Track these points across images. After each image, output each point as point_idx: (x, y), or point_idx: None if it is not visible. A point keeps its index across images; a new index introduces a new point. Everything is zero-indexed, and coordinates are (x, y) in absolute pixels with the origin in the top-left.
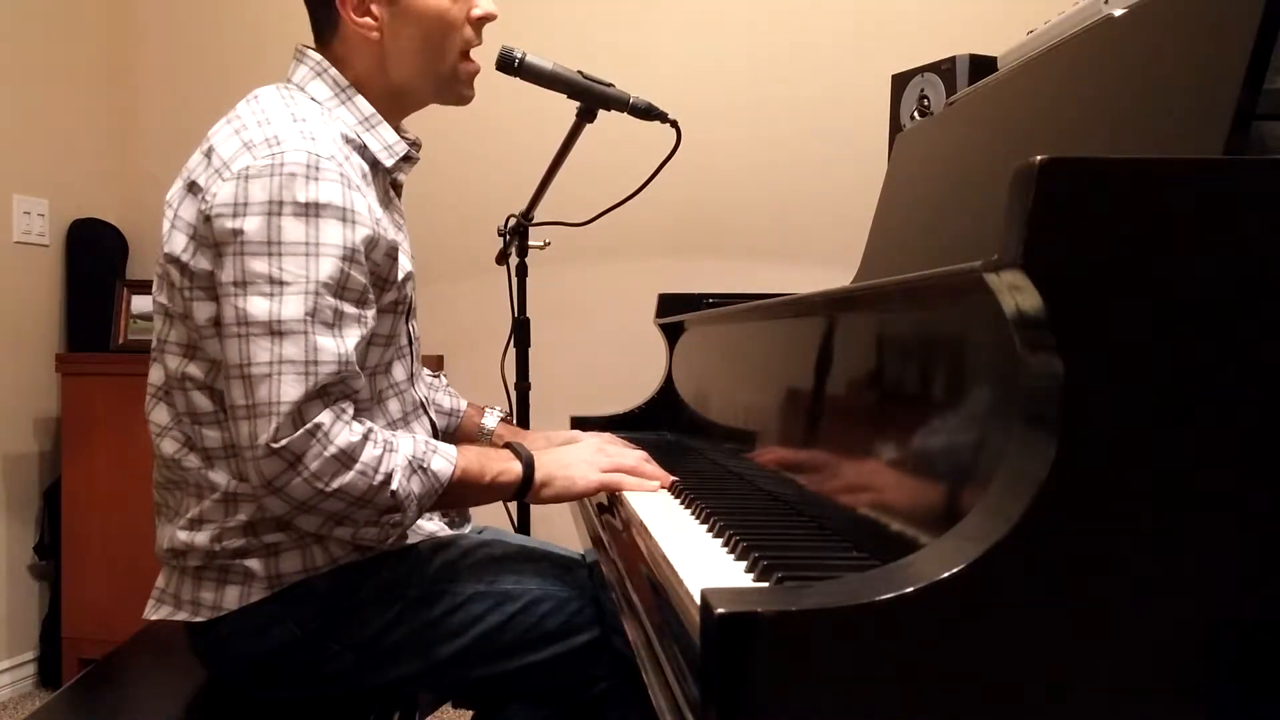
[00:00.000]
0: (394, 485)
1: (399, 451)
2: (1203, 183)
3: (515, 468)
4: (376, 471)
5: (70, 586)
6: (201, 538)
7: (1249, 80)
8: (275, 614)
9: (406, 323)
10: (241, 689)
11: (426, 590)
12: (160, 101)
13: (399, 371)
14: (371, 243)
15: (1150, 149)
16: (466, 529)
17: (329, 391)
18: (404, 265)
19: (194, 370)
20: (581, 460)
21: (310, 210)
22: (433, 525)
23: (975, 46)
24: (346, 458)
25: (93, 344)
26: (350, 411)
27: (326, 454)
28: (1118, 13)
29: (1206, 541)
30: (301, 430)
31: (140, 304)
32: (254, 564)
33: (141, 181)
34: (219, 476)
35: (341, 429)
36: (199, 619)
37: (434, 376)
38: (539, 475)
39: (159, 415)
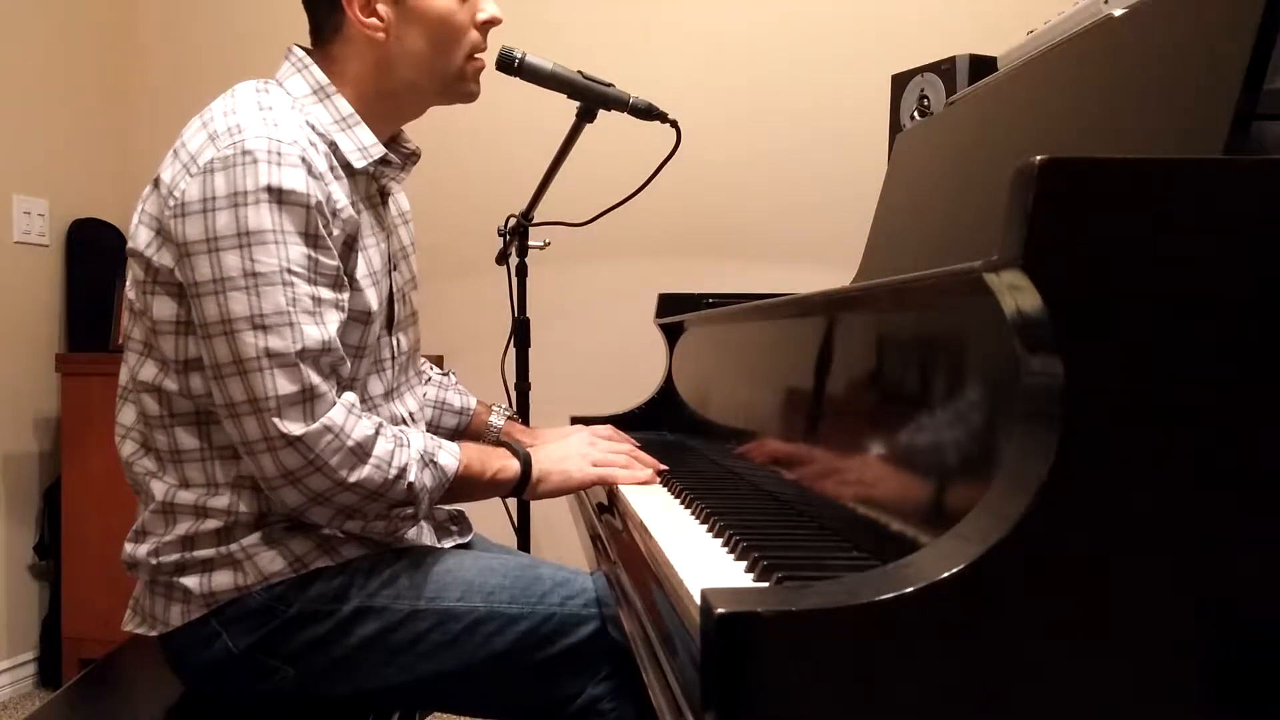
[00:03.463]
0: (410, 478)
1: (411, 445)
2: (1203, 183)
3: (513, 465)
4: (390, 465)
5: (70, 586)
6: (142, 551)
7: (1249, 80)
8: (214, 631)
9: (390, 335)
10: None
11: (362, 606)
12: (160, 102)
13: (375, 386)
14: (327, 228)
15: (1150, 149)
16: (469, 537)
17: (325, 377)
18: (363, 268)
19: (147, 371)
20: (575, 454)
21: (272, 195)
22: (429, 538)
23: (975, 46)
24: (362, 451)
25: (93, 344)
26: (359, 406)
27: (345, 447)
28: (1118, 13)
29: (1207, 541)
30: (316, 425)
31: None
32: (190, 582)
33: (141, 181)
34: (159, 485)
35: (355, 423)
36: (154, 633)
37: (443, 375)
38: (535, 471)
39: (123, 417)
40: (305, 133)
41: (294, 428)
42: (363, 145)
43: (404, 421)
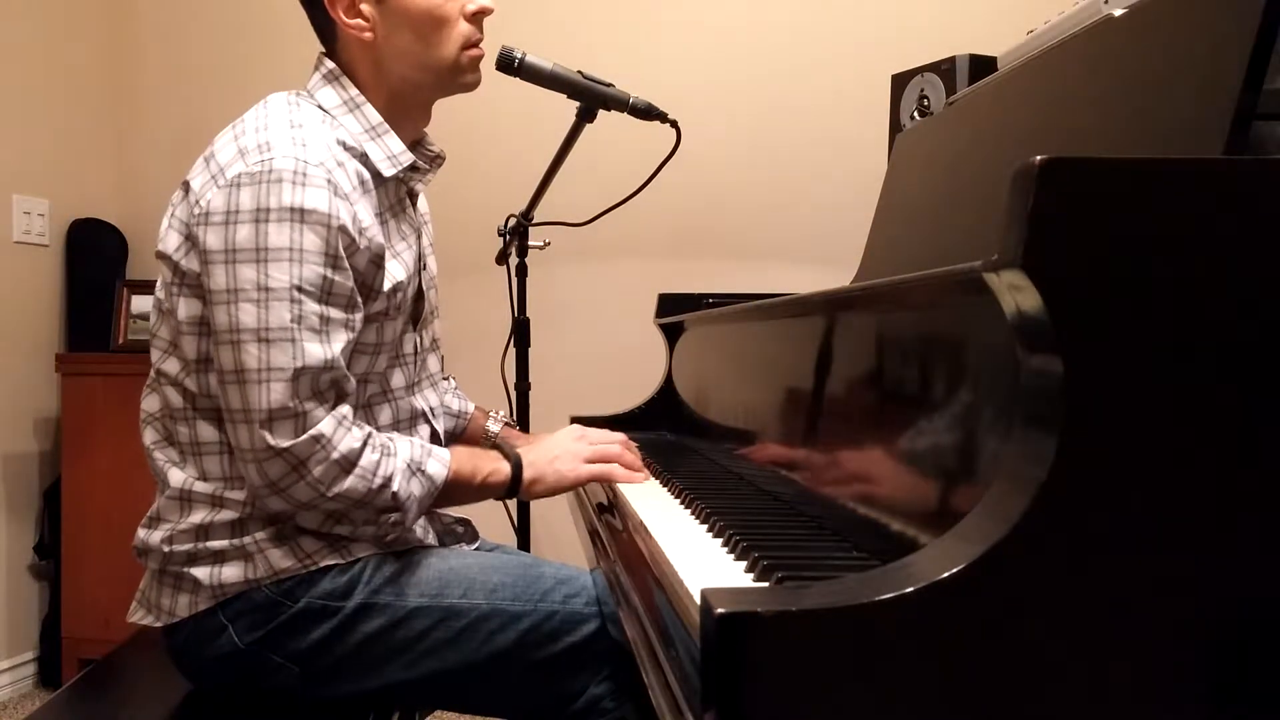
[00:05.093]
0: (394, 488)
1: (397, 455)
2: (1203, 183)
3: (504, 468)
4: (375, 475)
5: (70, 586)
6: (155, 537)
7: (1249, 80)
8: (220, 625)
9: (415, 331)
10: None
11: (366, 603)
12: (160, 102)
13: (397, 379)
14: (352, 248)
15: (1150, 149)
16: (474, 545)
17: (322, 394)
18: (394, 274)
19: (170, 366)
20: (567, 452)
21: (295, 215)
22: (431, 539)
23: (975, 46)
24: (347, 463)
25: (93, 344)
26: (350, 418)
27: (330, 459)
28: (1118, 13)
29: (1206, 541)
30: (305, 436)
31: (140, 304)
32: (200, 573)
33: (141, 181)
34: (176, 474)
35: (343, 435)
36: (160, 624)
37: (444, 379)
38: (528, 474)
39: (148, 404)
40: (333, 152)
41: (281, 440)
42: (392, 154)
43: (424, 415)
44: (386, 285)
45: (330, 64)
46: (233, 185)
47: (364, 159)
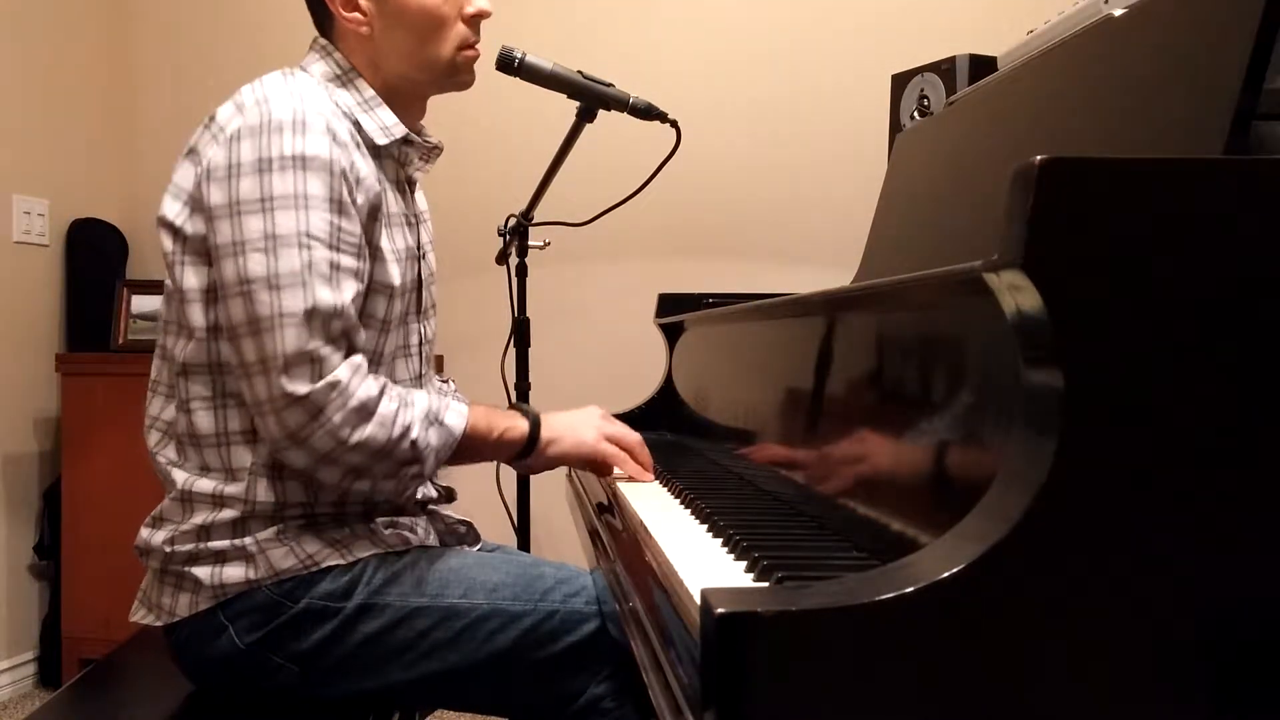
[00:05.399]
0: (413, 436)
1: (415, 405)
2: (1203, 183)
3: (522, 425)
4: (395, 424)
5: (70, 586)
6: (158, 538)
7: (1249, 80)
8: (220, 624)
9: (419, 322)
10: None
11: (367, 604)
12: (160, 102)
13: (402, 371)
14: (351, 195)
15: (1150, 149)
16: (475, 547)
17: (335, 340)
18: (388, 241)
19: (176, 350)
20: (588, 425)
21: (297, 163)
22: (432, 540)
23: (975, 46)
24: (365, 411)
25: (93, 344)
26: (365, 367)
27: (348, 406)
28: (1118, 13)
29: (1206, 541)
30: (322, 383)
31: (140, 304)
32: (201, 572)
33: (141, 181)
34: (179, 474)
35: (360, 382)
36: (160, 623)
37: (443, 382)
38: (545, 434)
39: (151, 408)
40: (330, 107)
41: (299, 387)
42: (385, 125)
43: None
44: (385, 246)
45: (324, 42)
46: (233, 139)
47: (357, 127)
